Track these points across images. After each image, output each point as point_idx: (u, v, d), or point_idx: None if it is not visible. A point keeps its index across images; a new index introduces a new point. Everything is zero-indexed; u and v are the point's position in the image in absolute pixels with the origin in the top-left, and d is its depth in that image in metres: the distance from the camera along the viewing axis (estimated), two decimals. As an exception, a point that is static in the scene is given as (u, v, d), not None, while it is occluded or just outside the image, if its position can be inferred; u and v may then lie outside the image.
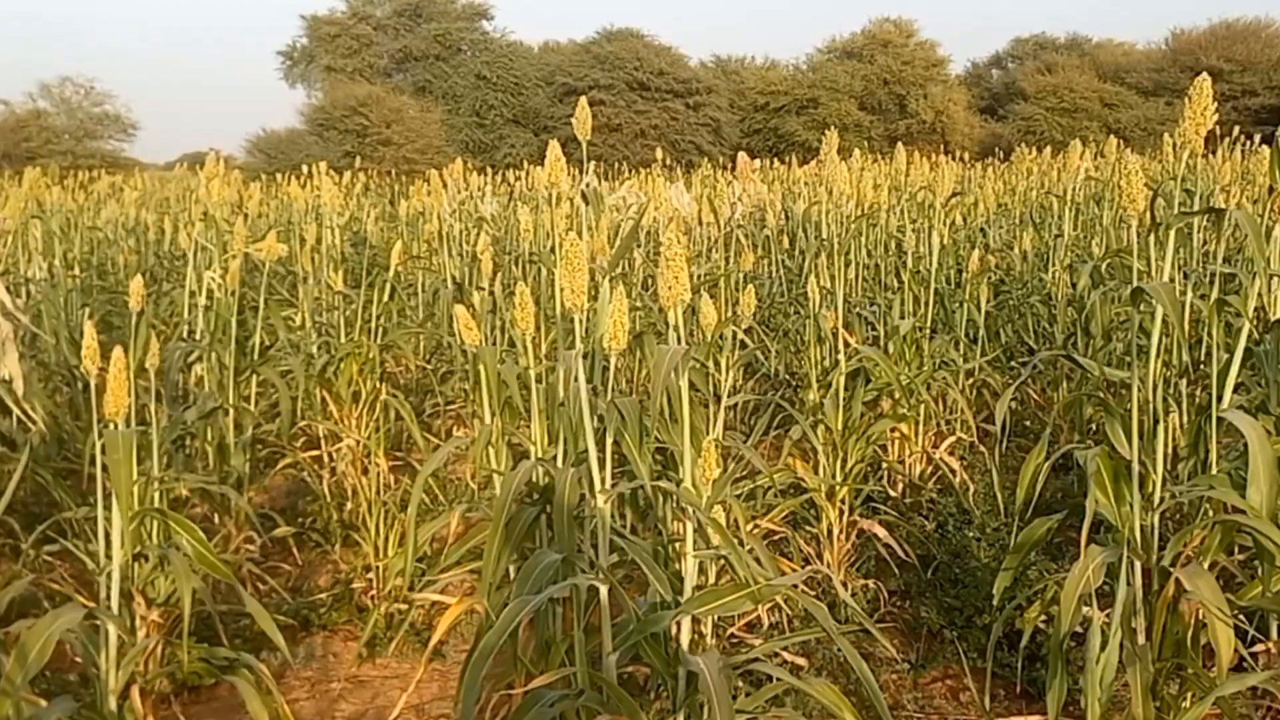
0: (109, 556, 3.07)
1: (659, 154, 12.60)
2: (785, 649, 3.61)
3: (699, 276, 6.80)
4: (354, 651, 4.58)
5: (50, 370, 6.92)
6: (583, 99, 3.74)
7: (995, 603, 3.59)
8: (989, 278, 6.55)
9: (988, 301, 6.28)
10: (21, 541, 4.53)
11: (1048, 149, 14.40)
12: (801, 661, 3.84)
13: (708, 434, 3.55)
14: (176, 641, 3.43)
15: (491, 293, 6.07)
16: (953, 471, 5.34)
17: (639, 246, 7.85)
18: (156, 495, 4.16)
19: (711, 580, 3.23)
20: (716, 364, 4.66)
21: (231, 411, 5.39)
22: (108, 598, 3.09)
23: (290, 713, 3.30)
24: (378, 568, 4.97)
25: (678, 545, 3.31)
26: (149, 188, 15.28)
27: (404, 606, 4.71)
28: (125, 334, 6.52)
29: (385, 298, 6.54)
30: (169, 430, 4.76)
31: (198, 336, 5.68)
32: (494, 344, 5.25)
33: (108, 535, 3.09)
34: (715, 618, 3.26)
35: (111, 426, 3.12)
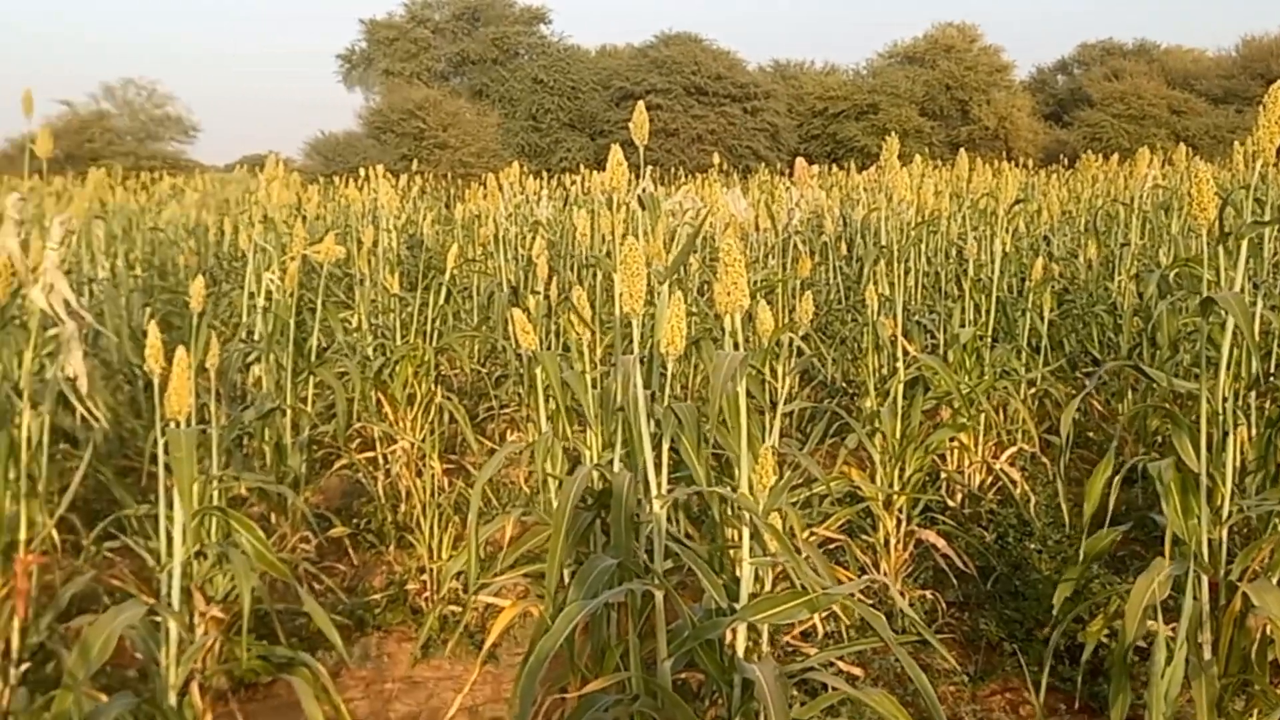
0: (170, 554, 3.08)
1: (716, 159, 12.59)
2: (841, 658, 3.57)
3: (755, 283, 6.76)
4: (408, 652, 4.59)
5: (112, 369, 6.99)
6: (640, 103, 3.72)
7: (1055, 614, 3.54)
8: (1052, 286, 6.47)
9: (1051, 310, 6.20)
10: (83, 538, 4.57)
11: (1114, 156, 14.20)
12: (857, 671, 3.80)
13: (763, 441, 3.52)
14: (235, 639, 3.45)
15: (546, 297, 6.07)
16: (1013, 482, 5.27)
17: (695, 252, 7.82)
18: (215, 494, 4.19)
19: (768, 587, 3.20)
20: (773, 371, 4.63)
21: (289, 412, 5.42)
22: (168, 594, 3.10)
23: (347, 712, 3.29)
24: (432, 569, 4.98)
25: (732, 552, 3.29)
26: (209, 189, 15.43)
27: (458, 608, 4.71)
28: (185, 334, 6.57)
29: (441, 301, 6.56)
30: (228, 430, 4.79)
31: (256, 337, 5.72)
32: (548, 348, 5.25)
33: (169, 532, 3.11)
34: (770, 625, 3.23)
35: (174, 425, 3.14)
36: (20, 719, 3.33)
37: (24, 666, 3.58)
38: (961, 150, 7.13)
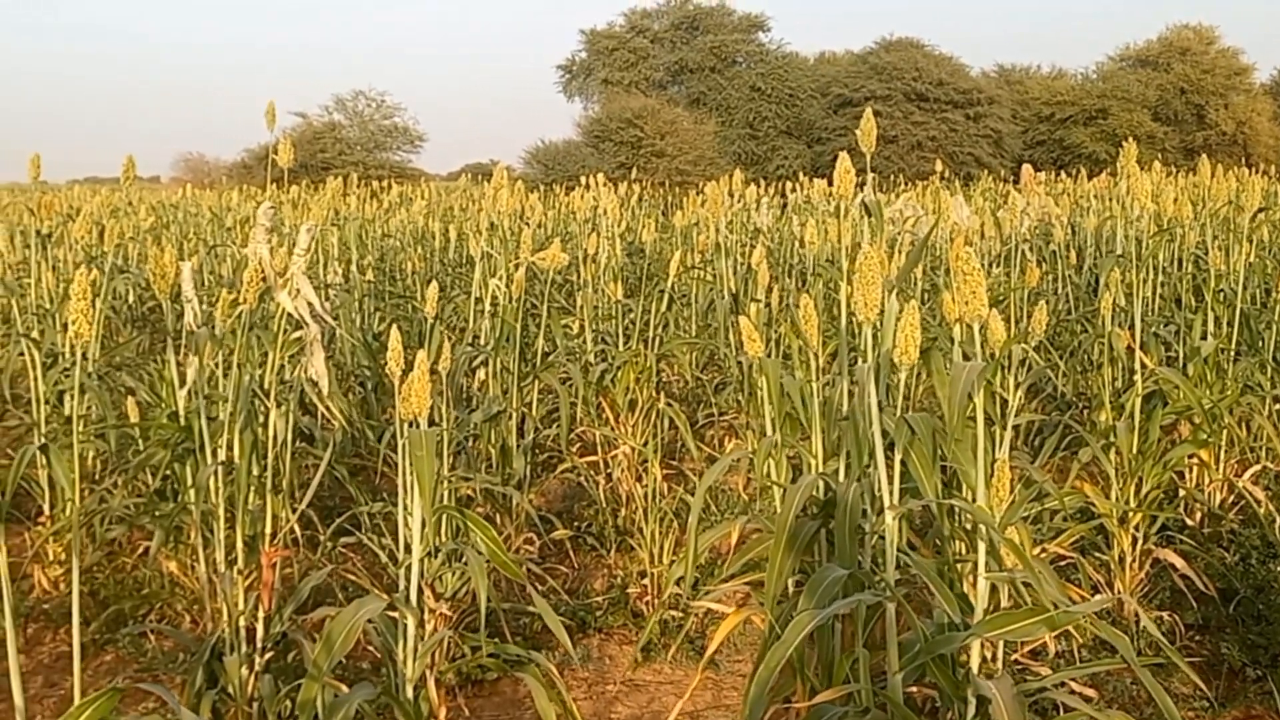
0: (409, 551, 3.18)
1: (938, 166, 12.34)
2: (1074, 679, 3.46)
3: (982, 291, 6.59)
4: (629, 655, 4.63)
5: (345, 371, 7.26)
6: (868, 110, 3.67)
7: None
8: (1300, 298, 6.14)
9: (1300, 324, 5.89)
10: (319, 533, 4.77)
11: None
12: (1091, 693, 3.68)
13: (993, 454, 3.44)
14: (468, 635, 3.54)
15: (767, 305, 6.05)
16: (1258, 502, 5.02)
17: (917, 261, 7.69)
18: (445, 494, 4.30)
19: (1004, 603, 3.12)
20: (1002, 382, 4.51)
21: (514, 415, 5.53)
22: (406, 590, 3.20)
23: (576, 710, 3.34)
24: (652, 574, 5.01)
25: (960, 566, 3.22)
26: (434, 197, 15.89)
27: (678, 613, 4.73)
28: (414, 338, 6.77)
29: (662, 308, 6.61)
30: (457, 431, 4.92)
31: (482, 342, 5.86)
32: (768, 356, 5.23)
33: (408, 531, 3.21)
34: (1003, 643, 3.15)
35: (411, 426, 3.24)
36: (267, 705, 3.49)
37: (268, 655, 3.75)
38: (1203, 156, 6.81)
